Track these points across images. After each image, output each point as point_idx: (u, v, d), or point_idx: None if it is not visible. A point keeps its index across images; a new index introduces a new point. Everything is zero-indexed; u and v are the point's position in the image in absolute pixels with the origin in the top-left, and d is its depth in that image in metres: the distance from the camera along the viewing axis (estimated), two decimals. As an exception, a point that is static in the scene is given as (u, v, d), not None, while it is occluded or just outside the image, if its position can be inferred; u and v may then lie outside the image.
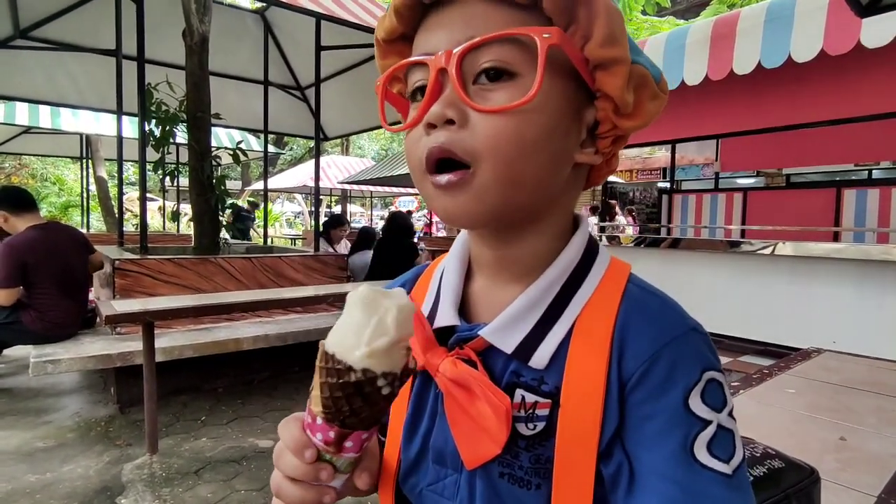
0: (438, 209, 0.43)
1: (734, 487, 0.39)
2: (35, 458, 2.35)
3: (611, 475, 0.41)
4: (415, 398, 0.51)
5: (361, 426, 0.38)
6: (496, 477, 0.44)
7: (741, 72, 2.89)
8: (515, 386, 0.44)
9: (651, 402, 0.40)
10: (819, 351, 1.57)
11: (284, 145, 18.44)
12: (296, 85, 6.24)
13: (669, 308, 0.44)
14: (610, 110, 0.43)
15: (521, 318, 0.44)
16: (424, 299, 0.51)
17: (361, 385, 0.36)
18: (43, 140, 8.82)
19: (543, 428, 0.42)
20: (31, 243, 2.81)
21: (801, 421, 1.06)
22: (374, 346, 0.35)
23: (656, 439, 0.39)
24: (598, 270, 0.45)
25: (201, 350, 2.91)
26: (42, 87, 5.29)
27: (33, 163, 14.53)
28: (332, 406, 0.37)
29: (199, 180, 3.94)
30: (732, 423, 0.41)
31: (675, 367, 0.40)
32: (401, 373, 0.37)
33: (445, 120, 0.40)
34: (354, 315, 0.36)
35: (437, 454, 0.48)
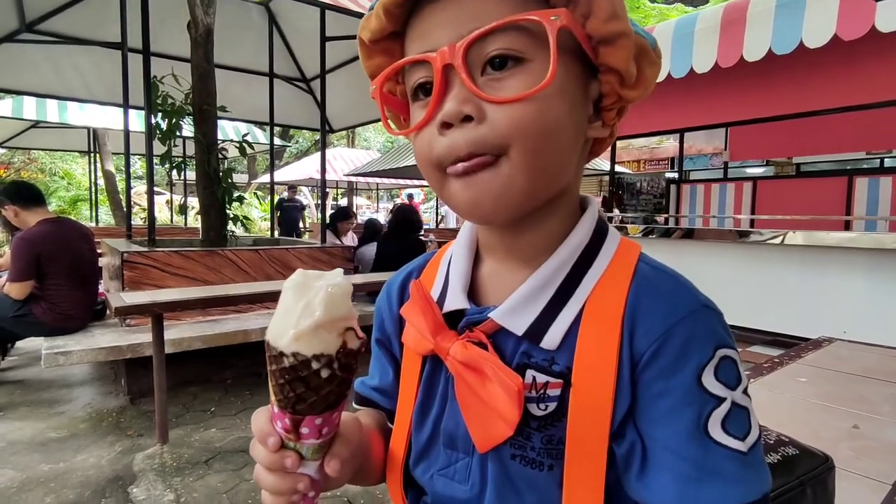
0: (463, 202, 0.41)
1: (749, 465, 0.39)
2: (48, 447, 2.38)
3: (623, 455, 0.41)
4: (425, 383, 0.50)
5: (312, 411, 0.38)
6: (508, 459, 0.44)
7: (752, 59, 2.84)
8: (526, 367, 0.43)
9: (663, 379, 0.39)
10: (830, 340, 1.56)
11: (290, 138, 18.45)
12: (301, 77, 6.22)
13: (681, 285, 0.43)
14: (615, 83, 0.42)
15: (532, 300, 0.43)
16: (433, 285, 0.51)
17: (296, 369, 0.36)
18: (51, 134, 8.88)
19: (555, 408, 0.42)
20: (44, 236, 2.84)
21: (813, 410, 1.04)
22: (299, 328, 0.35)
23: (669, 417, 0.39)
24: (608, 250, 0.45)
25: (210, 342, 2.93)
26: (49, 80, 5.31)
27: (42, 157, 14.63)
28: (279, 393, 0.37)
29: (205, 173, 3.95)
30: (747, 401, 0.40)
31: (688, 344, 0.39)
32: (336, 354, 0.37)
33: (462, 117, 0.39)
34: (285, 300, 0.37)
35: (448, 438, 0.48)
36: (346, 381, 0.39)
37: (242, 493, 2.00)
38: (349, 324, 0.38)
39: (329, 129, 6.74)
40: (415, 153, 0.44)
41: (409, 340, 0.50)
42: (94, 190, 9.52)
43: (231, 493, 2.00)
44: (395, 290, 0.57)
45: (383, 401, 0.58)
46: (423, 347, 0.47)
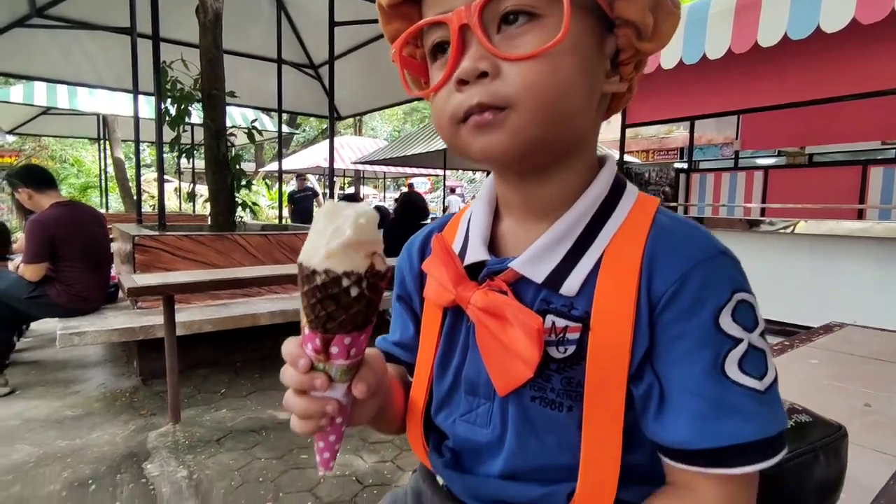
0: (476, 150, 0.43)
1: (765, 402, 0.39)
2: (64, 425, 2.43)
3: (641, 396, 0.42)
4: (446, 335, 0.52)
5: (341, 330, 0.40)
6: (528, 401, 0.45)
7: (766, 44, 2.80)
8: (546, 312, 0.44)
9: (681, 321, 0.40)
10: (842, 325, 1.55)
11: (297, 126, 18.44)
12: (309, 63, 6.20)
13: (699, 233, 0.44)
14: (632, 36, 0.43)
15: (552, 250, 0.45)
16: (454, 241, 0.52)
17: (327, 286, 0.38)
18: (61, 121, 8.92)
19: (574, 351, 0.43)
20: (57, 219, 2.87)
21: (824, 389, 1.05)
22: (330, 246, 0.37)
23: (686, 358, 0.40)
24: (626, 204, 0.46)
25: (220, 325, 2.96)
26: (59, 66, 5.33)
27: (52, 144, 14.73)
28: (310, 313, 0.39)
29: (214, 158, 3.96)
30: (764, 345, 0.41)
31: (705, 286, 0.40)
32: (365, 273, 0.38)
33: (478, 74, 0.40)
34: (317, 225, 0.39)
35: (469, 385, 0.49)
36: (374, 304, 0.40)
37: (255, 470, 2.04)
38: (376, 248, 0.39)
39: (337, 117, 6.73)
40: (432, 114, 0.46)
41: (431, 293, 0.51)
42: (104, 177, 9.58)
43: (243, 471, 2.03)
44: (416, 248, 0.59)
45: (404, 355, 0.60)
46: (445, 299, 0.49)
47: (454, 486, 0.52)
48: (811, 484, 0.56)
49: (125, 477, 1.98)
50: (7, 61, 5.05)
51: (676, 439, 0.40)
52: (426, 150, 8.37)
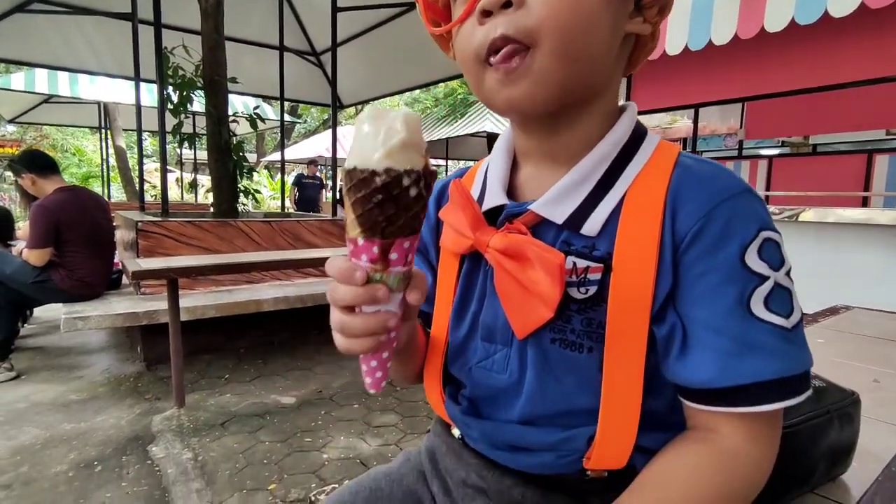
0: (501, 101, 0.42)
1: (791, 341, 0.39)
2: (70, 408, 2.44)
3: (664, 337, 0.41)
4: (463, 282, 0.52)
5: (401, 233, 0.38)
6: (548, 343, 0.45)
7: (773, 29, 2.77)
8: (567, 254, 0.44)
9: (706, 259, 0.39)
10: (848, 308, 1.55)
11: (299, 116, 18.36)
12: (311, 50, 6.16)
13: (723, 171, 0.43)
14: None
15: (573, 191, 0.44)
16: (472, 190, 0.52)
17: (389, 187, 0.36)
18: (62, 110, 8.89)
19: (595, 292, 0.43)
20: (62, 203, 2.87)
21: (832, 367, 1.05)
22: (389, 145, 0.36)
23: (711, 295, 0.39)
24: (648, 148, 0.45)
25: (223, 310, 2.97)
26: (60, 52, 5.30)
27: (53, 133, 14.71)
28: (367, 220, 0.37)
29: (217, 145, 3.94)
30: (790, 284, 0.40)
31: (731, 223, 0.39)
32: (424, 171, 0.37)
33: (502, 4, 0.39)
34: (364, 129, 0.37)
35: (486, 331, 0.49)
36: (426, 205, 0.39)
37: (259, 452, 2.05)
38: (425, 147, 0.38)
39: (340, 105, 6.70)
40: (456, 50, 0.45)
41: (448, 241, 0.51)
42: (106, 167, 9.57)
43: (247, 453, 2.04)
44: (433, 198, 0.58)
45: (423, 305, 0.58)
46: (462, 245, 0.48)
47: (471, 432, 0.51)
48: (825, 446, 0.56)
49: (131, 459, 2.00)
50: (7, 47, 5.02)
51: (699, 378, 0.40)
52: (428, 139, 8.34)
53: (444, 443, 0.56)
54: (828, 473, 0.59)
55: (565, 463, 0.45)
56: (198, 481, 1.85)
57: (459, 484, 0.52)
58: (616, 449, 0.43)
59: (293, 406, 2.52)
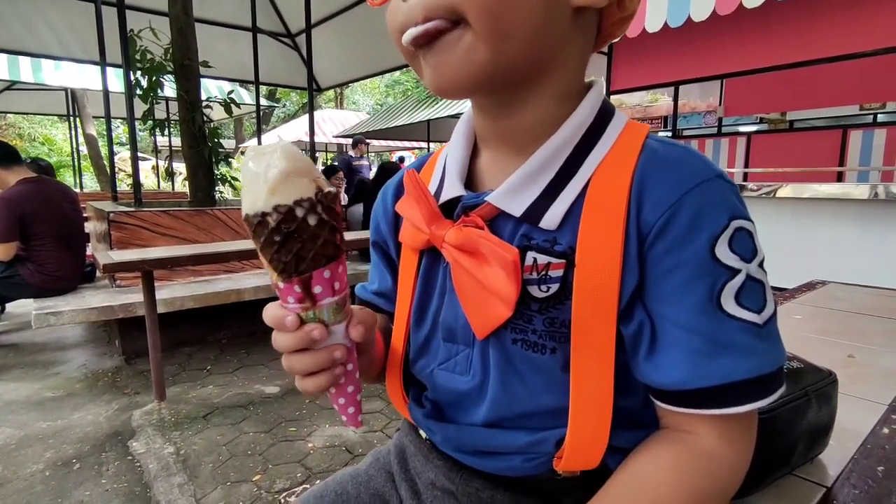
0: (428, 80, 0.40)
1: (764, 337, 0.37)
2: (45, 406, 2.38)
3: (631, 335, 0.39)
4: (422, 279, 0.49)
5: (316, 265, 0.37)
6: (509, 344, 0.42)
7: (751, 5, 2.76)
8: (526, 249, 0.41)
9: (674, 253, 0.37)
10: (824, 283, 1.57)
11: (278, 101, 17.99)
12: (286, 32, 5.99)
13: (692, 155, 0.40)
14: None
15: (531, 181, 0.41)
16: (430, 181, 0.49)
17: (283, 224, 0.35)
18: (28, 97, 8.55)
19: (557, 289, 0.40)
20: (26, 195, 2.76)
21: (809, 342, 1.06)
22: (271, 182, 0.35)
23: (680, 292, 0.37)
24: (613, 130, 0.42)
25: (202, 301, 2.91)
26: (21, 36, 5.06)
27: (20, 122, 14.18)
28: (278, 263, 0.36)
29: (191, 132, 3.82)
30: (763, 275, 0.38)
31: (700, 213, 0.37)
32: (316, 196, 0.36)
33: None
34: (247, 171, 0.36)
35: (447, 331, 0.47)
36: (337, 229, 0.38)
37: (242, 444, 2.03)
38: (315, 173, 0.37)
39: (317, 88, 6.55)
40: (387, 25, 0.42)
41: (406, 236, 0.49)
42: (77, 156, 9.28)
43: (231, 445, 2.02)
44: (391, 191, 0.55)
45: (384, 304, 0.57)
46: (419, 240, 0.46)
47: (436, 437, 0.50)
48: (804, 426, 0.55)
49: (110, 455, 1.96)
50: (-38, 32, 4.79)
51: (670, 380, 0.38)
52: (409, 121, 8.24)
53: (412, 443, 0.54)
54: (806, 454, 0.59)
55: (534, 465, 0.43)
56: (180, 475, 1.82)
57: (428, 486, 0.51)
58: (588, 450, 0.41)
59: (277, 395, 2.49)
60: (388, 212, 0.54)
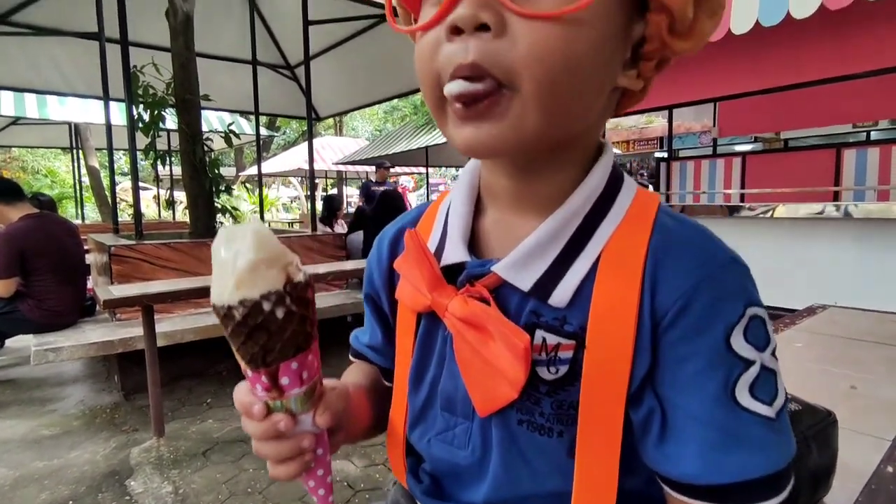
0: (461, 139, 0.36)
1: (777, 430, 0.36)
2: (42, 445, 2.35)
3: (641, 421, 0.38)
4: (420, 342, 0.47)
5: (282, 358, 0.36)
6: (514, 424, 0.41)
7: (739, 31, 2.82)
8: (535, 327, 0.40)
9: (689, 341, 0.36)
10: (825, 307, 1.56)
11: (277, 129, 18.24)
12: (285, 64, 6.11)
13: (707, 237, 0.39)
14: (664, 26, 0.37)
15: (540, 252, 0.39)
16: (430, 236, 0.47)
17: (249, 318, 0.34)
18: (31, 131, 8.68)
19: (567, 372, 0.39)
20: (27, 231, 2.79)
21: (810, 373, 1.05)
22: (238, 274, 0.33)
23: (694, 382, 0.36)
24: (624, 199, 0.41)
25: (203, 333, 2.90)
26: (27, 74, 5.18)
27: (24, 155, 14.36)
28: (245, 353, 0.35)
29: (191, 164, 3.88)
30: (775, 364, 0.38)
31: (717, 302, 0.36)
32: (285, 289, 0.35)
33: (477, 25, 0.32)
34: (218, 257, 0.35)
35: (445, 401, 0.45)
36: (308, 318, 0.37)
37: (242, 482, 2.00)
38: (288, 259, 0.36)
39: (316, 118, 6.65)
40: (415, 62, 0.38)
41: (404, 296, 0.46)
42: (79, 187, 9.36)
43: (230, 483, 1.99)
44: (387, 243, 0.53)
45: (376, 358, 0.55)
46: (419, 303, 0.44)
47: None
48: (804, 473, 0.55)
49: (107, 496, 1.92)
50: (-31, 71, 4.90)
51: (682, 472, 0.37)
52: (408, 147, 8.33)
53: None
54: (809, 500, 0.58)
55: None
56: (178, 516, 1.79)
57: None
58: None
59: (277, 429, 2.46)
60: (382, 265, 0.52)
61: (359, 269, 3.16)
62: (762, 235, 3.26)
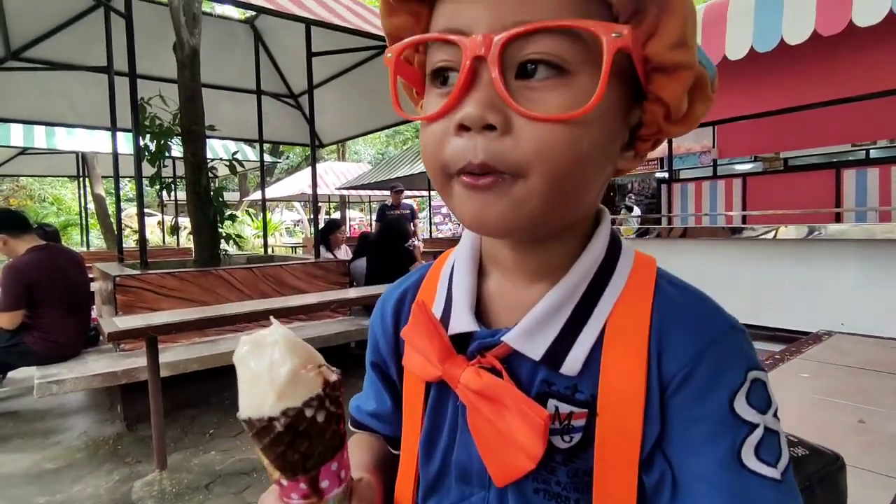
0: (466, 214, 0.37)
1: (784, 491, 0.37)
2: (44, 479, 2.33)
3: (653, 484, 0.39)
4: (430, 413, 0.46)
5: (323, 461, 0.36)
6: (531, 493, 0.41)
7: (734, 57, 2.87)
8: (547, 396, 0.40)
9: (695, 405, 0.37)
10: (830, 333, 1.56)
11: (280, 154, 18.46)
12: (289, 93, 6.24)
13: (707, 305, 0.41)
14: (660, 115, 0.38)
15: (548, 321, 0.40)
16: (434, 302, 0.47)
17: (292, 427, 0.33)
18: (39, 160, 8.83)
19: (580, 439, 0.40)
20: (33, 264, 2.82)
21: (817, 405, 1.04)
22: (278, 384, 0.33)
23: (702, 445, 0.37)
24: (624, 266, 0.42)
25: (207, 363, 2.90)
26: (37, 107, 5.30)
27: (31, 184, 14.55)
28: (283, 463, 0.35)
29: (196, 193, 3.93)
30: (777, 425, 0.39)
31: (720, 368, 0.38)
32: (324, 391, 0.35)
33: (484, 125, 0.34)
34: (245, 371, 0.35)
35: (460, 471, 0.45)
36: (340, 415, 0.37)
37: (244, 516, 1.97)
38: (318, 359, 0.36)
39: (319, 144, 6.75)
40: (421, 146, 0.39)
41: (413, 366, 0.46)
42: (85, 214, 9.46)
43: (233, 517, 1.96)
44: (390, 309, 0.52)
45: (381, 427, 0.54)
46: (430, 374, 0.43)
47: None
48: (811, 522, 0.54)
49: (109, 532, 1.90)
50: (-18, 105, 5.01)
51: None
52: (410, 172, 8.42)
53: None
54: (818, 545, 0.57)
55: None
56: (180, 553, 1.76)
57: None
58: None
59: (281, 460, 2.43)
60: (387, 332, 0.52)
61: (362, 296, 3.17)
62: (765, 257, 3.25)
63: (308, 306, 3.00)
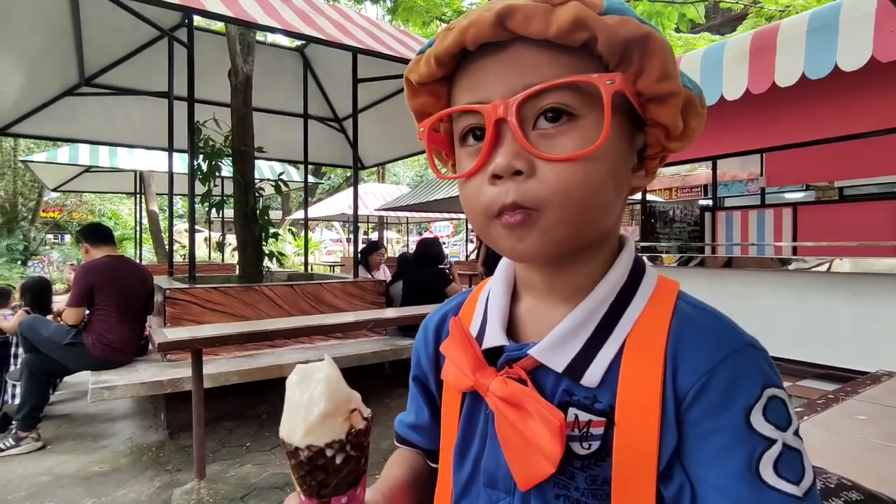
0: (505, 246, 0.43)
1: None
2: (91, 482, 2.43)
3: (672, 497, 0.40)
4: (464, 422, 0.50)
5: (336, 493, 0.40)
6: (552, 499, 0.43)
7: (784, 84, 2.80)
8: (568, 405, 0.43)
9: (710, 419, 0.39)
10: (890, 374, 1.47)
11: (322, 175, 19.02)
12: (334, 117, 6.46)
13: (723, 323, 0.43)
14: (661, 136, 0.44)
15: (571, 337, 0.44)
16: (471, 322, 0.51)
17: (313, 460, 0.38)
18: (101, 178, 9.42)
19: (599, 447, 0.42)
20: (101, 268, 3.06)
21: (874, 450, 0.98)
22: (309, 422, 0.38)
23: (719, 457, 0.38)
24: (646, 289, 0.45)
25: (246, 376, 2.98)
26: (103, 129, 5.69)
27: (92, 199, 15.51)
28: (303, 483, 0.40)
29: (243, 211, 4.10)
30: (800, 444, 0.39)
31: (734, 382, 0.39)
32: (347, 437, 0.39)
33: (513, 172, 0.40)
34: (291, 397, 0.40)
35: (488, 477, 0.47)
36: (362, 459, 0.41)
37: (277, 531, 1.99)
38: (352, 406, 0.41)
39: (361, 166, 6.93)
40: (462, 199, 0.46)
41: (449, 377, 0.50)
42: (139, 229, 9.98)
43: (266, 532, 1.99)
44: (432, 329, 0.58)
45: (420, 440, 0.58)
46: (463, 384, 0.48)
47: None
48: (870, 574, 0.51)
49: (149, 538, 1.96)
50: (57, 126, 5.42)
51: None
52: (448, 195, 8.50)
53: None
54: None
55: None
56: (215, 564, 1.79)
57: None
58: None
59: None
60: (429, 349, 0.57)
61: (399, 316, 3.20)
62: (818, 291, 3.10)
63: (346, 325, 3.05)
